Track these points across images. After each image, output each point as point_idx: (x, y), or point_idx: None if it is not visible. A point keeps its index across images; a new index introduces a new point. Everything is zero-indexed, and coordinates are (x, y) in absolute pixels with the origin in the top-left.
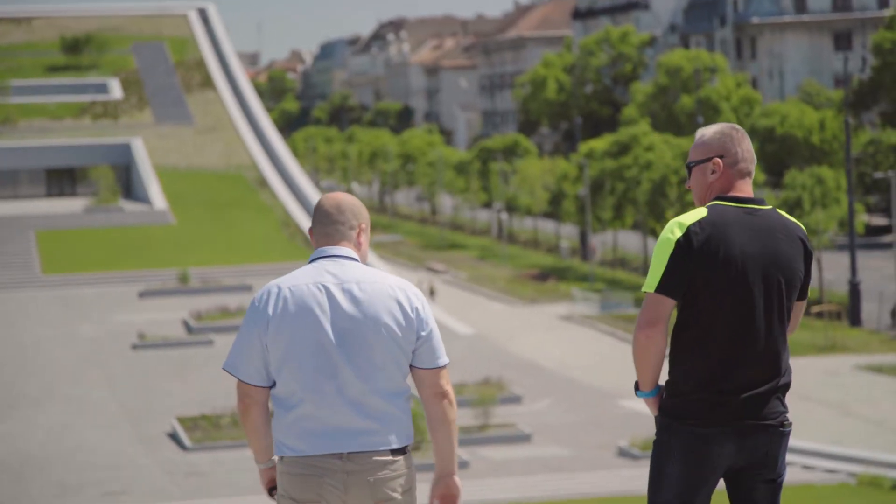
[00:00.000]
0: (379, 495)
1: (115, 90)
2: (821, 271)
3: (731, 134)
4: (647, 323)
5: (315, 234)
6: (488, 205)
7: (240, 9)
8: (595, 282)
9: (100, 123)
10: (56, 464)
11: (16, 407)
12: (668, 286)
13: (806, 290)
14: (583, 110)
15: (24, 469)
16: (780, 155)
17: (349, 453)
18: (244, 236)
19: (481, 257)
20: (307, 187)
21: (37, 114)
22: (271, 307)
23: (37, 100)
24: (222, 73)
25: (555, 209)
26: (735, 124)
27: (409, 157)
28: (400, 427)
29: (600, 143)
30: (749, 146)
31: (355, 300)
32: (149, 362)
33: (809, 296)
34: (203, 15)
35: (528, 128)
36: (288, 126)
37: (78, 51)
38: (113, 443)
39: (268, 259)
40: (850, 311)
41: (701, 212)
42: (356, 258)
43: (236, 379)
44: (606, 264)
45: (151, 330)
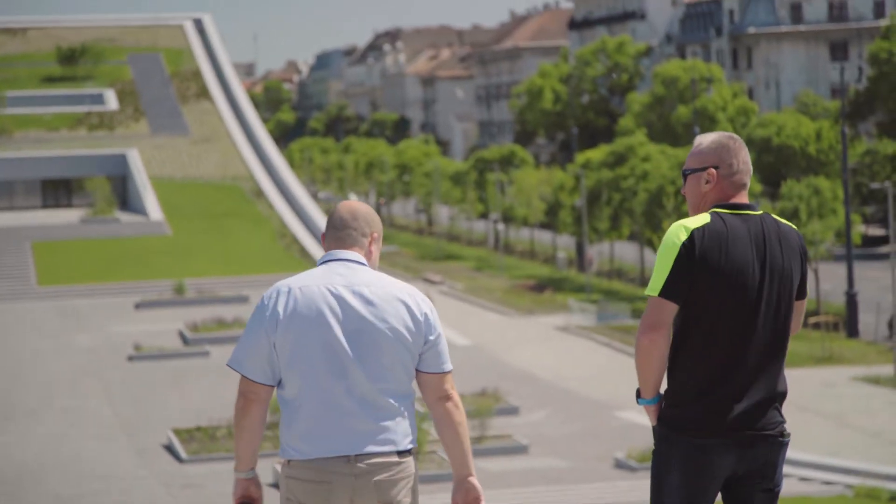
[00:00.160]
0: (385, 497)
1: (111, 101)
2: (818, 282)
3: (728, 144)
4: (651, 327)
5: (327, 238)
6: (485, 215)
7: (236, 19)
8: (592, 292)
9: (96, 134)
10: (52, 475)
11: (12, 418)
12: (672, 290)
13: (804, 290)
14: (579, 120)
15: (20, 480)
16: (776, 165)
17: (356, 455)
18: (240, 247)
19: (478, 268)
20: (303, 198)
21: (33, 125)
22: (281, 306)
23: (33, 111)
24: (218, 84)
25: (551, 220)
26: (733, 134)
27: (406, 168)
28: (406, 429)
29: (597, 154)
30: (745, 157)
31: (366, 302)
32: (145, 373)
33: (807, 307)
34: (199, 25)
35: (524, 138)
36: (284, 137)
37: (74, 62)
38: (109, 454)
39: (264, 270)
40: (847, 322)
41: (704, 218)
42: (366, 263)
43: (240, 376)
44: (603, 275)
45: (147, 341)
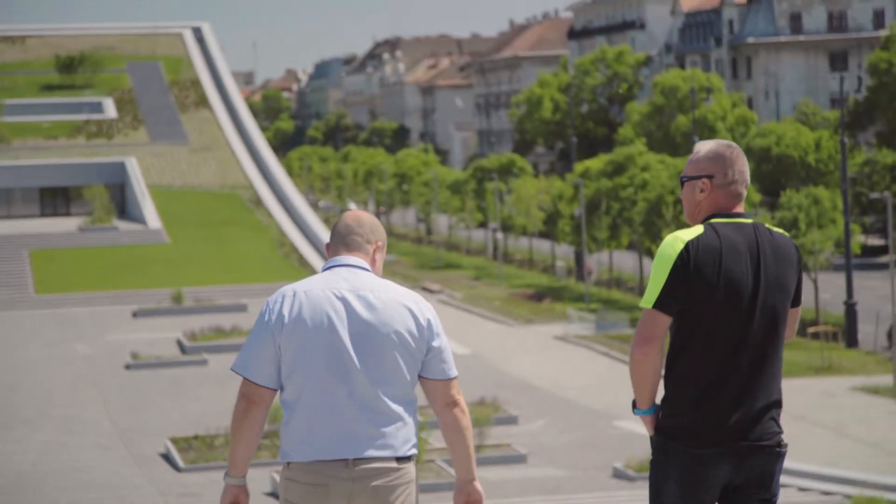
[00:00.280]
0: (382, 502)
1: (110, 109)
2: (817, 292)
3: (725, 154)
4: (644, 340)
5: (332, 244)
6: (484, 224)
7: (235, 28)
8: (591, 302)
9: (94, 142)
10: (50, 483)
11: (9, 427)
12: (666, 302)
13: (799, 297)
14: (578, 130)
15: (17, 489)
16: (775, 175)
17: (354, 459)
18: (239, 256)
19: (476, 277)
20: (302, 207)
21: (31, 133)
22: (287, 310)
23: (31, 119)
24: (217, 92)
25: (550, 229)
26: (731, 142)
27: (405, 177)
28: (406, 435)
29: (596, 163)
30: (742, 166)
31: (370, 307)
32: (142, 382)
33: (806, 317)
34: (198, 34)
35: (523, 147)
36: (283, 145)
37: (72, 70)
38: (106, 463)
39: (262, 279)
40: (846, 331)
41: (698, 229)
42: (370, 269)
43: (240, 381)
44: (602, 284)
45: (145, 349)
